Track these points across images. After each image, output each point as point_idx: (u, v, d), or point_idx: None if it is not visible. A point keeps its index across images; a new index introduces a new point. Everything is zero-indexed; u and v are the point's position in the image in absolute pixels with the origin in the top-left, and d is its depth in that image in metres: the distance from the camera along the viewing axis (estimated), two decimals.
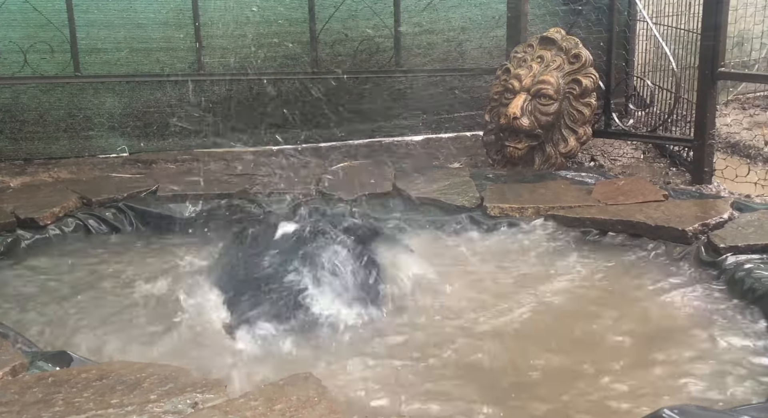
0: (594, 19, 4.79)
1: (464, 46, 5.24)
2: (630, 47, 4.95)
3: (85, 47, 4.75)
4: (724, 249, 2.78)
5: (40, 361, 2.09)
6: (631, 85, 5.05)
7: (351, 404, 2.02)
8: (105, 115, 4.98)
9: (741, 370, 2.21)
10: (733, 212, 3.16)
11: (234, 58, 4.98)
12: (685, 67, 4.41)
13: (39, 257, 3.27)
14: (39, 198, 3.74)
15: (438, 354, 2.37)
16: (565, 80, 4.17)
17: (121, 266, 3.19)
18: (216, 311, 2.57)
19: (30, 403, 1.81)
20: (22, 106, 4.90)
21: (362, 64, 5.03)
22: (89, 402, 1.80)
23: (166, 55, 4.97)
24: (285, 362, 2.32)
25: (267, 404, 1.77)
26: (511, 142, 4.24)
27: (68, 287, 2.99)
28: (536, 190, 3.74)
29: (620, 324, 2.53)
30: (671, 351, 2.32)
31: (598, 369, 2.24)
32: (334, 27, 4.91)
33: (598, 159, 4.60)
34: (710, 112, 3.99)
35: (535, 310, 2.65)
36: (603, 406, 2.06)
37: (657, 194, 3.50)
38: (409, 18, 5.00)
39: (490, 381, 2.22)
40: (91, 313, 2.73)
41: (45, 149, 4.90)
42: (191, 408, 1.78)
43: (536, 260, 3.12)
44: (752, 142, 4.67)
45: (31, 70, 4.69)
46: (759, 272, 2.61)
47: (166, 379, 1.90)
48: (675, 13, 4.70)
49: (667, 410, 1.72)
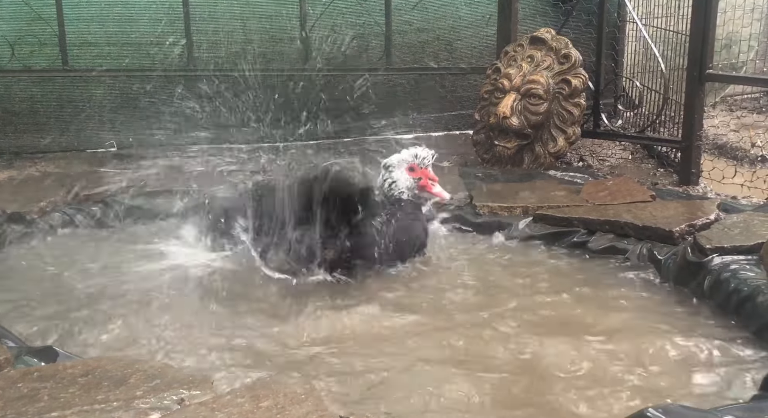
0: (584, 19, 4.81)
1: (454, 44, 5.24)
2: (619, 48, 4.97)
3: (74, 41, 4.73)
4: (710, 250, 2.80)
5: (26, 356, 2.08)
6: (620, 86, 5.08)
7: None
8: (94, 109, 4.96)
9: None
10: (719, 213, 3.18)
11: (224, 52, 4.97)
12: (673, 68, 4.44)
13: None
14: (26, 192, 3.72)
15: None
16: (555, 80, 4.19)
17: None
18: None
19: (14, 398, 1.80)
20: (9, 99, 4.87)
21: (352, 61, 5.03)
22: (75, 398, 1.80)
23: (156, 50, 4.95)
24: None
25: (254, 401, 1.77)
26: (500, 141, 4.26)
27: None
28: (525, 189, 3.75)
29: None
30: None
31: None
32: (324, 24, 4.91)
33: (587, 159, 4.62)
34: (698, 113, 4.02)
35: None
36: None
37: (645, 195, 3.52)
38: (399, 16, 5.00)
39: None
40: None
41: (33, 143, 4.87)
42: (178, 404, 1.77)
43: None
44: (739, 143, 4.70)
45: (19, 63, 4.66)
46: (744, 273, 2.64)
47: (153, 375, 1.90)
48: (664, 15, 4.72)
49: (652, 409, 1.72)
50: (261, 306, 2.69)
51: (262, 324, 2.54)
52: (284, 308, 2.64)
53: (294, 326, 2.50)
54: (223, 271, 2.92)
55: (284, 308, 2.65)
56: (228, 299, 2.71)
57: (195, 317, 2.57)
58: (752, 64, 5.64)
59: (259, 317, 2.59)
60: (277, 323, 2.53)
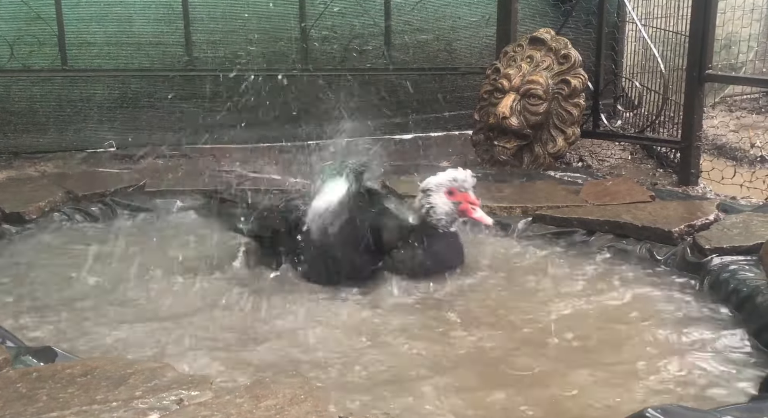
0: (583, 20, 4.81)
1: (454, 45, 5.24)
2: (619, 49, 4.98)
3: (73, 41, 4.72)
4: (710, 250, 2.80)
5: (25, 356, 2.08)
6: (620, 87, 5.08)
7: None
8: (93, 109, 4.95)
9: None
10: (718, 214, 3.18)
11: (223, 53, 4.97)
12: (673, 69, 4.44)
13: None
14: (25, 192, 3.72)
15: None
16: (554, 80, 4.19)
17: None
18: None
19: (13, 398, 1.80)
20: (8, 99, 4.87)
21: (351, 61, 5.03)
22: (74, 398, 1.79)
23: (156, 50, 4.95)
24: None
25: (253, 401, 1.77)
26: (500, 141, 4.26)
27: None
28: (524, 189, 3.76)
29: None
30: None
31: None
32: (324, 24, 4.91)
33: (586, 159, 4.62)
34: (697, 114, 4.02)
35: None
36: None
37: (644, 195, 3.52)
38: (399, 16, 5.00)
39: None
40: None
41: (32, 143, 4.87)
42: (177, 405, 1.77)
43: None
44: (738, 144, 4.70)
45: (18, 63, 4.66)
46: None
47: (152, 375, 1.89)
48: (664, 16, 4.73)
49: (651, 409, 1.72)
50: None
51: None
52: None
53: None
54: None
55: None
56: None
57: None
58: (751, 64, 5.65)
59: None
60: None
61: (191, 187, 3.84)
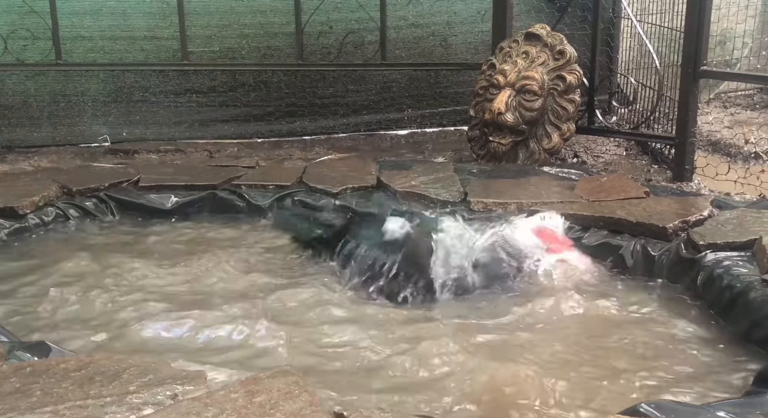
0: (579, 15, 4.80)
1: (449, 40, 5.24)
2: (614, 44, 4.98)
3: (67, 35, 4.70)
4: (704, 246, 2.80)
5: (18, 351, 2.07)
6: (615, 83, 5.08)
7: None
8: (87, 103, 4.94)
9: None
10: (712, 210, 3.18)
11: (218, 47, 4.96)
12: (668, 65, 4.44)
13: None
14: (19, 187, 3.70)
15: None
16: (550, 76, 4.18)
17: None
18: None
19: (7, 393, 1.80)
20: (2, 93, 4.85)
21: (347, 56, 5.02)
22: (68, 393, 1.79)
23: (150, 44, 4.93)
24: None
25: (247, 396, 1.77)
26: (495, 137, 4.25)
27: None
28: (519, 185, 3.75)
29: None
30: None
31: None
32: (319, 19, 4.90)
33: (581, 155, 4.63)
34: (692, 110, 4.03)
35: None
36: None
37: (639, 191, 3.53)
38: (394, 11, 4.99)
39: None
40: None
41: (26, 137, 4.85)
42: (171, 400, 1.77)
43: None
44: (733, 140, 4.71)
45: (12, 57, 4.64)
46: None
47: (147, 371, 1.89)
48: (659, 11, 4.73)
49: (645, 404, 1.73)
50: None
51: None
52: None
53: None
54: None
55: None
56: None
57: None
58: (746, 61, 5.65)
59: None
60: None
61: (184, 182, 3.83)
